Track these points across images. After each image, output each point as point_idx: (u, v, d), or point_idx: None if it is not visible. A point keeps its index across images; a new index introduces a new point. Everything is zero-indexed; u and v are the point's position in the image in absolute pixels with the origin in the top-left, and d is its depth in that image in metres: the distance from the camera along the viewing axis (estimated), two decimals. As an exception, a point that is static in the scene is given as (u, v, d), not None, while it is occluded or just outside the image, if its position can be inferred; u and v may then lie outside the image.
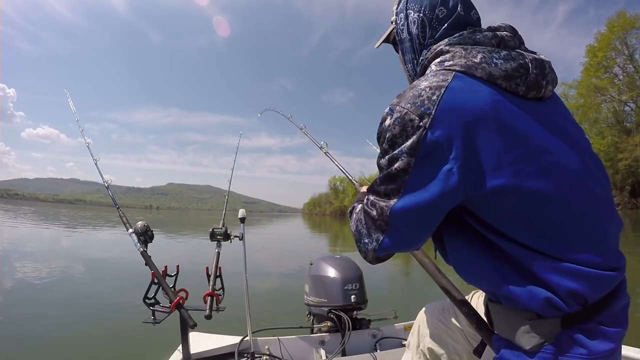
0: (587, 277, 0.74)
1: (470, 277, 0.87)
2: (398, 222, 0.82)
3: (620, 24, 34.26)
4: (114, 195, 2.25)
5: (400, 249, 0.88)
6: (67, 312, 5.57)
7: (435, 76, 0.80)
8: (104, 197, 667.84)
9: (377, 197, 0.85)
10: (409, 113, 0.77)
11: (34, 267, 9.07)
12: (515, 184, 0.73)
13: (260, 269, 9.65)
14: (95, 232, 22.27)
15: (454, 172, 0.74)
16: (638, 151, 32.10)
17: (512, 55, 0.82)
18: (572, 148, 0.80)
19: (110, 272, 8.94)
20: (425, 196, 0.77)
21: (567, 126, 0.84)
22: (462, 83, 0.78)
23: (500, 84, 0.79)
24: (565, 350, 0.74)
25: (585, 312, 0.75)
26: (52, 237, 18.23)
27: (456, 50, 0.84)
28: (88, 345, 4.25)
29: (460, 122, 0.74)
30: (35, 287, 7.05)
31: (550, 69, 0.86)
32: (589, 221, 0.77)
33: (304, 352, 2.22)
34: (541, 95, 0.83)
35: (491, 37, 0.86)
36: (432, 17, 0.93)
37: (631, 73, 35.69)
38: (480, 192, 0.75)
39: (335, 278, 2.32)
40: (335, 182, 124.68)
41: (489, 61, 0.80)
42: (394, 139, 0.79)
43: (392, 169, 0.80)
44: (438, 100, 0.76)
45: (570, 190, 0.76)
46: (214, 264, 1.96)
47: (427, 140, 0.75)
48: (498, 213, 0.77)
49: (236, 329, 2.31)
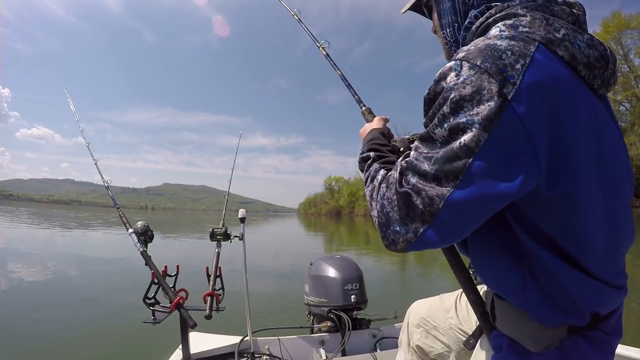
0: (604, 293, 0.71)
1: (488, 283, 0.81)
2: (450, 216, 0.63)
3: (615, 24, 34.48)
4: (109, 196, 2.24)
5: (441, 245, 0.71)
6: (67, 312, 5.55)
7: (515, 40, 0.64)
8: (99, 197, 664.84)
9: (422, 180, 0.65)
10: (487, 74, 0.60)
11: (33, 267, 9.02)
12: (580, 189, 0.63)
13: (260, 269, 9.63)
14: (94, 232, 22.20)
15: (539, 163, 0.59)
16: (633, 151, 32.29)
17: (594, 42, 0.70)
18: (623, 155, 0.73)
19: (110, 272, 8.90)
20: (499, 188, 0.60)
21: (617, 128, 0.74)
22: (546, 58, 0.63)
23: (580, 70, 0.67)
24: (569, 356, 0.73)
25: (592, 323, 0.74)
26: (51, 237, 18.12)
27: (535, 15, 0.69)
28: (88, 345, 4.24)
29: (547, 105, 0.60)
30: (34, 288, 7.02)
31: (616, 67, 0.75)
32: (617, 235, 0.73)
33: (304, 352, 2.22)
34: (606, 93, 0.75)
35: (569, 14, 0.71)
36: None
37: (626, 73, 35.89)
38: (552, 192, 0.63)
39: (335, 278, 2.32)
40: (330, 182, 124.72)
41: (572, 40, 0.67)
42: (461, 102, 0.61)
43: (455, 144, 0.61)
44: (524, 70, 0.60)
45: (614, 205, 0.70)
46: (214, 264, 1.95)
47: (509, 115, 0.58)
48: (549, 216, 0.66)
49: (236, 329, 2.31)
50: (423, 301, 1.43)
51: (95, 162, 2.33)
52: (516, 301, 0.73)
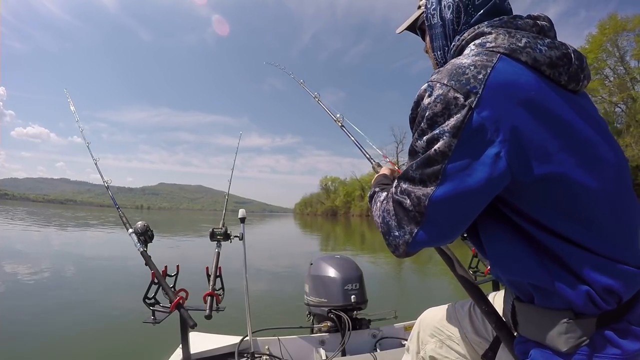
0: (623, 274, 0.73)
1: (510, 270, 0.80)
2: (436, 213, 0.76)
3: (612, 26, 34.63)
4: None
5: (435, 242, 0.81)
6: (67, 312, 5.54)
7: (479, 56, 0.76)
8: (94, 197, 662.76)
9: (411, 185, 0.78)
10: (453, 90, 0.73)
11: (32, 267, 8.97)
12: (562, 172, 0.71)
13: (258, 268, 9.63)
14: (93, 231, 22.13)
15: (502, 156, 0.70)
16: (628, 152, 32.45)
17: (555, 44, 0.79)
18: (608, 142, 0.78)
19: (110, 272, 8.88)
20: (470, 182, 0.72)
21: (599, 121, 0.81)
22: (508, 65, 0.75)
23: (544, 70, 0.76)
24: (599, 351, 0.73)
25: (617, 312, 0.74)
26: (49, 237, 18.03)
27: (499, 31, 0.81)
28: (88, 345, 4.23)
29: (508, 105, 0.71)
30: (34, 288, 6.99)
31: (586, 63, 0.84)
32: (625, 217, 0.76)
33: (304, 352, 2.22)
34: (578, 88, 0.82)
35: (532, 25, 0.83)
36: (469, 2, 0.89)
37: (622, 75, 36.09)
38: (527, 178, 0.71)
39: (335, 278, 2.32)
40: (326, 182, 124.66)
41: (533, 46, 0.77)
42: (435, 117, 0.74)
43: (431, 152, 0.74)
44: (484, 79, 0.72)
45: (610, 184, 0.75)
46: (214, 264, 1.95)
47: (473, 121, 0.70)
48: (540, 203, 0.73)
49: (236, 329, 2.30)
50: (436, 309, 1.41)
51: (95, 162, 2.32)
52: (545, 284, 0.75)
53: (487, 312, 1.00)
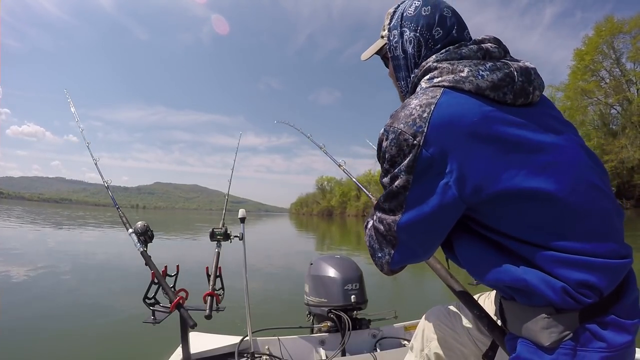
0: (598, 267, 0.75)
1: (485, 275, 0.85)
2: (405, 236, 0.88)
3: (608, 29, 34.88)
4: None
5: (410, 261, 0.95)
6: (67, 312, 5.51)
7: (425, 94, 0.85)
8: (89, 196, 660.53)
9: (383, 214, 0.91)
10: (403, 133, 0.82)
11: (31, 266, 8.90)
12: (512, 186, 0.76)
13: (259, 268, 9.62)
14: (93, 231, 22.00)
15: (451, 185, 0.78)
16: (623, 153, 32.70)
17: (497, 66, 0.86)
18: (565, 145, 0.83)
19: (110, 272, 8.83)
20: (426, 210, 0.82)
21: (558, 126, 0.87)
22: (451, 98, 0.82)
23: (488, 94, 0.82)
24: (584, 344, 0.75)
25: (601, 305, 0.76)
26: (48, 236, 17.91)
27: (443, 66, 0.88)
28: (88, 345, 4.22)
29: (452, 137, 0.78)
30: (33, 287, 6.95)
31: (535, 75, 0.89)
32: (593, 212, 0.79)
33: (304, 352, 2.22)
34: (529, 101, 0.87)
35: (476, 50, 0.90)
36: (429, 37, 0.96)
37: (618, 77, 36.36)
38: (480, 200, 0.78)
39: (335, 278, 2.32)
40: (322, 182, 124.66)
41: (475, 74, 0.83)
42: (393, 159, 0.85)
43: (394, 187, 0.85)
44: (429, 117, 0.80)
45: (569, 184, 0.78)
46: (214, 263, 1.95)
47: (422, 158, 0.79)
48: (502, 217, 0.80)
49: (236, 329, 2.30)
50: (441, 307, 1.43)
51: (95, 162, 2.30)
52: (520, 284, 0.79)
53: (479, 316, 1.07)
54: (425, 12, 0.96)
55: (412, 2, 1.00)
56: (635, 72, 35.38)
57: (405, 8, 1.00)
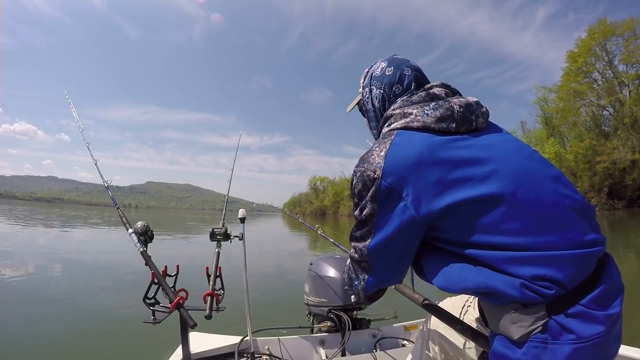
0: (551, 259, 0.81)
1: (452, 287, 0.94)
2: (376, 258, 1.00)
3: (601, 31, 35.17)
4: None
5: (384, 283, 1.06)
6: (67, 312, 5.49)
7: (383, 137, 1.01)
8: (82, 195, 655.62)
9: (356, 242, 1.03)
10: (366, 170, 0.96)
11: (30, 266, 8.90)
12: (459, 199, 0.87)
13: (258, 268, 9.61)
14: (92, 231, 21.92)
15: (408, 206, 0.90)
16: (615, 154, 33.01)
17: (439, 104, 1.00)
18: (508, 155, 0.94)
19: (109, 272, 8.79)
20: (390, 230, 0.94)
21: (502, 141, 0.99)
22: (402, 137, 0.97)
23: (434, 127, 0.97)
24: (554, 337, 0.79)
25: (569, 297, 0.81)
26: (46, 237, 17.79)
27: (397, 112, 1.05)
28: (88, 345, 4.21)
29: (404, 167, 0.91)
30: (32, 287, 6.92)
31: (477, 105, 1.03)
32: (542, 208, 0.87)
33: (304, 352, 2.22)
34: (473, 127, 1.00)
35: (424, 96, 1.06)
36: (390, 93, 1.13)
37: (610, 79, 36.68)
38: (433, 215, 0.89)
39: (335, 278, 2.32)
40: (315, 182, 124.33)
41: (421, 113, 0.99)
42: (360, 193, 0.98)
43: (363, 216, 0.98)
44: (385, 155, 0.94)
45: (511, 185, 0.87)
46: (214, 263, 1.94)
47: (382, 188, 0.93)
48: (458, 227, 0.90)
49: (236, 329, 2.30)
50: (451, 299, 1.48)
51: (95, 163, 2.29)
52: (484, 289, 0.86)
53: (462, 330, 1.18)
54: (389, 72, 1.14)
55: (379, 63, 1.19)
56: (627, 74, 35.69)
57: (374, 69, 1.19)
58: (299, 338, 2.26)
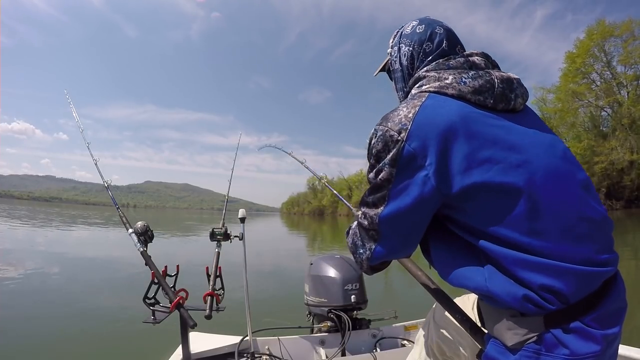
0: (565, 272, 0.77)
1: (453, 280, 0.91)
2: (387, 229, 0.92)
3: (600, 32, 35.15)
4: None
5: (391, 255, 0.98)
6: (67, 312, 5.48)
7: (413, 98, 0.93)
8: (80, 194, 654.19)
9: (367, 208, 0.95)
10: (389, 130, 0.88)
11: (30, 266, 8.88)
12: (484, 180, 0.81)
13: (258, 268, 9.61)
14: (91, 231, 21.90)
15: (430, 176, 0.84)
16: (614, 155, 33.02)
17: (479, 74, 0.94)
18: (542, 148, 0.88)
19: (109, 272, 8.79)
20: (407, 200, 0.87)
21: (537, 132, 0.92)
22: (434, 101, 0.90)
23: (470, 98, 0.90)
24: (548, 349, 0.77)
25: (569, 311, 0.78)
26: (46, 236, 17.74)
27: (431, 75, 0.98)
28: (88, 345, 4.20)
29: (432, 134, 0.84)
30: (32, 287, 6.90)
31: (518, 84, 0.96)
32: (565, 215, 0.81)
33: (304, 352, 2.22)
34: (511, 107, 0.94)
35: (463, 62, 0.99)
36: (420, 50, 1.06)
37: (608, 80, 36.67)
38: (454, 191, 0.83)
39: (335, 278, 2.32)
40: (314, 182, 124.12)
41: (458, 80, 0.92)
42: (379, 153, 0.91)
43: (378, 180, 0.91)
44: (413, 117, 0.87)
45: (542, 182, 0.82)
46: (214, 263, 1.94)
47: (405, 152, 0.86)
48: (476, 212, 0.84)
49: (236, 329, 2.29)
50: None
51: (95, 162, 2.28)
52: (484, 291, 0.84)
53: (461, 320, 1.12)
54: (419, 30, 1.08)
55: (410, 22, 1.13)
56: (625, 75, 35.69)
57: (404, 27, 1.13)
58: (299, 338, 2.26)
